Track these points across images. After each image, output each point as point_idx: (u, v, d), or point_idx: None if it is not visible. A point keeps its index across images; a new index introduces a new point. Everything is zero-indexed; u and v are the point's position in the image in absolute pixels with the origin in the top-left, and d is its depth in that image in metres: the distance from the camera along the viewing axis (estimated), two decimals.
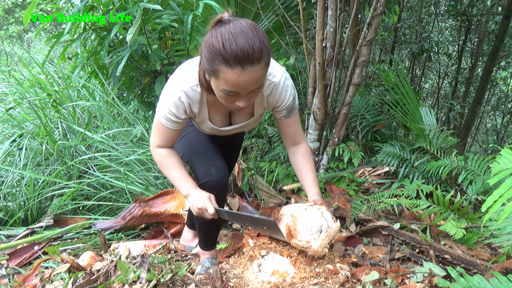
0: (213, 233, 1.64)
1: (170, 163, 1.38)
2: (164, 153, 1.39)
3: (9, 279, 1.74)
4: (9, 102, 3.45)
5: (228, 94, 1.11)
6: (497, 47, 4.55)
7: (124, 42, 2.57)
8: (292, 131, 1.47)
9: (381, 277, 1.41)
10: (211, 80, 1.14)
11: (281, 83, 1.33)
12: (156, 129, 1.36)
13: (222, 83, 1.08)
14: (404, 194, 2.18)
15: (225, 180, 1.42)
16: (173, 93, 1.26)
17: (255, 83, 1.09)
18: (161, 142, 1.38)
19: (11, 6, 9.72)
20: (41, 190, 2.41)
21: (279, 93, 1.34)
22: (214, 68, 1.06)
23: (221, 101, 1.18)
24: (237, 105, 1.15)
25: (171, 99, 1.27)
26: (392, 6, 3.75)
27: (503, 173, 1.16)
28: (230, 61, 1.02)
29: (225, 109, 1.37)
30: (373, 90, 3.92)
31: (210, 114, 1.37)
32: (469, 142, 6.39)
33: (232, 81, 1.05)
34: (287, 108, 1.40)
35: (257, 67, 1.05)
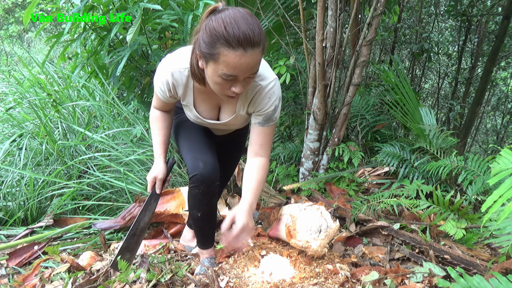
0: (208, 230, 1.64)
1: (155, 126, 1.52)
2: (155, 115, 1.53)
3: (9, 279, 1.74)
4: (9, 102, 3.46)
5: (226, 79, 1.13)
6: (497, 48, 4.55)
7: (124, 42, 2.57)
8: (260, 142, 1.43)
9: (381, 277, 1.41)
10: (208, 66, 1.14)
11: (267, 88, 1.33)
12: (154, 94, 1.47)
13: (222, 67, 1.09)
14: (404, 194, 2.18)
15: (212, 175, 1.41)
16: (162, 72, 1.34)
17: (254, 66, 1.12)
18: (156, 105, 1.51)
19: (11, 6, 9.72)
20: (41, 190, 2.41)
21: (262, 97, 1.34)
22: (214, 51, 1.08)
23: (216, 89, 1.19)
24: (233, 91, 1.17)
25: (160, 77, 1.35)
26: (392, 6, 3.75)
27: (503, 173, 1.16)
28: (232, 43, 1.04)
29: (214, 102, 1.41)
30: (373, 90, 3.91)
31: (196, 102, 1.41)
32: (469, 143, 6.38)
33: (234, 63, 1.07)
34: (265, 115, 1.37)
35: (257, 50, 1.08)
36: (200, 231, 1.63)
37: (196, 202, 1.49)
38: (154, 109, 1.53)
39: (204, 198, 1.46)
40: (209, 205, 1.52)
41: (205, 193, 1.43)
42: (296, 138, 3.70)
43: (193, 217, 1.55)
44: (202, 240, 1.65)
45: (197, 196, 1.45)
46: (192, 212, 1.53)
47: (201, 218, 1.53)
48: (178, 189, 2.26)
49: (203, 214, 1.51)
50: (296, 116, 3.89)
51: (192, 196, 1.47)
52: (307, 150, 2.87)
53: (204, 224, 1.59)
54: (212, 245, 1.67)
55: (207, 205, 1.50)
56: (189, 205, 1.53)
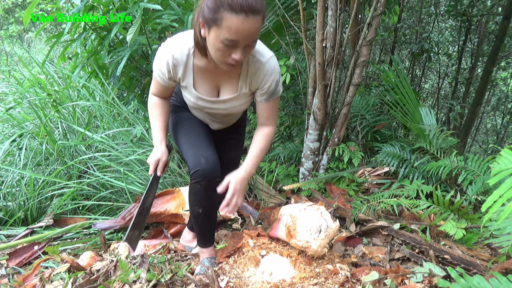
0: (208, 227, 1.64)
1: (154, 112, 1.54)
2: (153, 101, 1.55)
3: (9, 279, 1.74)
4: (9, 102, 3.46)
5: (227, 45, 1.17)
6: (497, 48, 4.55)
7: (124, 42, 2.57)
8: (266, 115, 1.54)
9: (381, 277, 1.41)
10: (210, 32, 1.19)
11: (268, 64, 1.39)
12: (153, 80, 1.50)
13: (225, 32, 1.14)
14: (404, 194, 2.18)
15: (214, 170, 1.45)
16: (162, 53, 1.38)
17: (254, 33, 1.17)
18: (155, 92, 1.53)
19: (11, 6, 9.72)
20: (41, 190, 2.41)
21: (264, 73, 1.40)
22: (217, 16, 1.13)
23: (217, 56, 1.23)
24: (233, 57, 1.21)
25: (160, 60, 1.39)
26: (392, 6, 3.75)
27: (503, 173, 1.16)
28: (236, 8, 1.10)
29: (214, 83, 1.44)
30: (373, 90, 3.91)
31: (195, 83, 1.44)
32: (469, 143, 6.38)
33: (236, 27, 1.12)
34: (268, 92, 1.45)
35: (258, 17, 1.14)
36: (201, 228, 1.63)
37: (197, 198, 1.49)
38: (153, 96, 1.55)
39: (206, 194, 1.47)
40: (211, 201, 1.52)
41: (207, 189, 1.45)
42: (296, 138, 3.70)
43: (194, 214, 1.55)
44: (202, 239, 1.64)
45: (199, 192, 1.46)
46: (193, 209, 1.53)
47: (202, 214, 1.53)
48: (178, 189, 2.26)
49: (204, 210, 1.52)
50: (296, 116, 3.89)
51: (194, 192, 1.48)
52: (307, 150, 2.87)
53: (205, 221, 1.59)
54: (213, 243, 1.66)
55: (208, 201, 1.51)
56: (190, 202, 1.53)
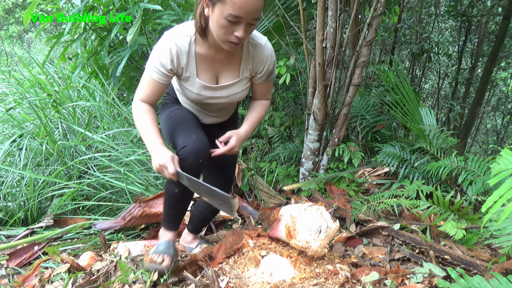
0: (179, 210, 1.59)
1: (146, 117, 1.41)
2: (144, 107, 1.43)
3: (9, 279, 1.74)
4: (9, 102, 3.46)
5: (231, 21, 1.20)
6: (497, 48, 4.55)
7: (124, 42, 2.57)
8: (263, 92, 1.60)
9: (381, 278, 1.41)
10: (214, 10, 1.22)
11: (267, 47, 1.45)
12: (144, 82, 1.42)
13: (229, 7, 1.18)
14: (404, 195, 2.18)
15: (202, 149, 1.42)
16: (164, 44, 1.35)
17: (257, 11, 1.21)
18: (145, 96, 1.42)
19: (11, 6, 9.73)
20: (41, 190, 2.41)
21: (265, 55, 1.45)
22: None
23: (220, 33, 1.26)
24: (236, 35, 1.24)
25: (161, 50, 1.35)
26: (392, 6, 3.75)
27: (503, 173, 1.16)
28: None
29: (213, 71, 1.45)
30: (373, 91, 3.91)
31: (198, 71, 1.43)
32: (469, 143, 6.38)
33: (240, 3, 1.16)
34: (267, 73, 1.51)
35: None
36: (172, 210, 1.58)
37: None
38: (140, 102, 1.45)
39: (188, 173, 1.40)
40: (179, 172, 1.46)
41: (191, 168, 1.39)
42: (296, 138, 3.70)
43: (168, 192, 1.51)
44: (168, 220, 1.59)
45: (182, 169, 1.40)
46: (170, 187, 1.49)
47: (177, 194, 1.49)
48: None
49: (181, 190, 1.46)
50: (296, 116, 3.89)
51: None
52: (307, 150, 2.87)
53: (178, 203, 1.55)
54: (177, 229, 1.62)
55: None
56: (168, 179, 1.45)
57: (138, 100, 1.44)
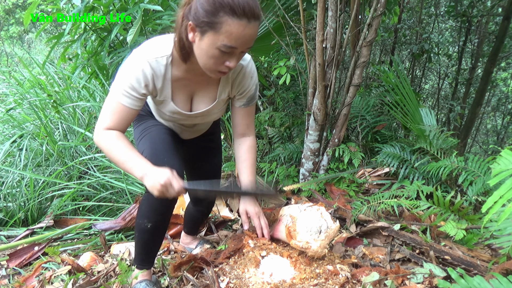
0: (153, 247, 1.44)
1: (120, 144, 1.20)
2: (114, 135, 1.21)
3: (9, 279, 1.74)
4: (9, 102, 3.46)
5: (223, 52, 1.08)
6: (497, 48, 4.55)
7: (124, 42, 2.57)
8: (245, 122, 1.46)
9: (381, 278, 1.41)
10: (204, 38, 1.07)
11: (249, 67, 1.32)
12: (109, 108, 1.21)
13: (223, 37, 1.04)
14: (404, 195, 2.18)
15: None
16: (135, 64, 1.17)
17: (253, 39, 1.09)
18: (113, 124, 1.21)
19: (11, 6, 9.73)
20: (41, 191, 2.41)
21: (246, 77, 1.33)
22: (216, 20, 1.02)
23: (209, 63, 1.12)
24: (227, 65, 1.12)
25: (133, 71, 1.17)
26: (392, 7, 3.75)
27: (503, 174, 1.16)
28: (238, 12, 1.00)
29: (188, 92, 1.32)
30: (373, 91, 3.91)
31: (173, 94, 1.29)
32: (469, 143, 6.38)
33: (237, 33, 1.03)
34: (249, 96, 1.38)
35: (258, 22, 1.06)
36: (144, 246, 1.42)
37: (150, 210, 1.31)
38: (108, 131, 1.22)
39: (161, 208, 1.31)
40: (164, 217, 1.35)
41: (164, 201, 1.25)
42: (296, 139, 3.70)
43: (140, 227, 1.35)
44: (142, 258, 1.43)
45: (154, 203, 1.29)
46: (141, 222, 1.34)
47: (150, 230, 1.33)
48: None
49: (154, 226, 1.32)
50: (296, 116, 3.89)
51: (148, 202, 1.31)
52: (307, 150, 2.87)
53: (151, 239, 1.40)
54: (152, 265, 1.48)
55: (161, 216, 1.34)
56: (140, 213, 1.35)
57: (103, 129, 1.22)
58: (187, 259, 1.54)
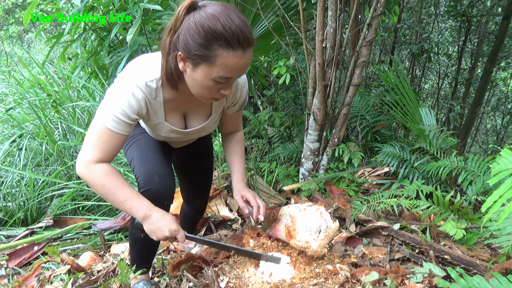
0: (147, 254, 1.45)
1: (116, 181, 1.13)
2: (107, 169, 1.13)
3: (8, 279, 1.74)
4: (9, 102, 3.46)
5: (219, 82, 1.04)
6: (497, 48, 4.55)
7: (124, 42, 2.57)
8: (235, 123, 1.48)
9: (381, 278, 1.41)
10: (197, 69, 1.02)
11: (241, 79, 1.30)
12: (96, 137, 1.12)
13: (218, 70, 1.00)
14: (404, 195, 2.18)
15: (168, 192, 1.26)
16: (126, 90, 1.10)
17: (248, 66, 1.05)
18: (101, 155, 1.12)
19: (11, 6, 9.73)
20: (40, 191, 2.41)
21: (240, 90, 1.32)
22: (210, 53, 0.97)
23: (202, 93, 1.09)
24: (222, 93, 1.09)
25: (123, 97, 1.10)
26: (392, 6, 3.75)
27: (503, 173, 1.16)
28: (233, 43, 0.95)
29: (180, 110, 1.28)
30: (373, 91, 3.92)
31: (166, 115, 1.24)
32: (469, 143, 6.38)
33: (233, 64, 0.99)
34: (241, 103, 1.39)
35: (252, 49, 1.02)
36: (139, 253, 1.42)
37: None
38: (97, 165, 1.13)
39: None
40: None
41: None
42: (296, 138, 3.70)
43: (133, 237, 1.35)
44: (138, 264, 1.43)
45: None
46: (134, 232, 1.32)
47: (143, 240, 1.31)
48: (178, 189, 2.26)
49: (146, 235, 1.24)
50: (296, 116, 3.89)
51: None
52: (307, 150, 2.87)
53: (145, 247, 1.39)
54: (149, 268, 1.48)
55: None
56: (132, 223, 1.34)
57: (91, 162, 1.12)
58: (185, 258, 1.54)
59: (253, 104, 4.49)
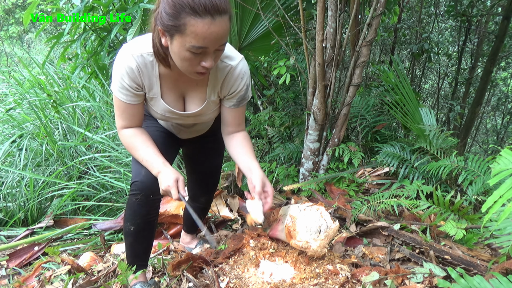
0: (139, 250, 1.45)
1: (136, 143, 1.28)
2: (130, 133, 1.29)
3: (9, 279, 1.74)
4: (9, 102, 3.46)
5: (195, 53, 1.05)
6: (497, 48, 4.55)
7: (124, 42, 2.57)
8: (237, 121, 1.42)
9: (381, 278, 1.41)
10: (173, 41, 1.05)
11: (238, 68, 1.28)
12: (116, 108, 1.27)
13: (190, 39, 1.01)
14: (404, 195, 2.18)
15: (153, 185, 1.29)
16: (122, 60, 1.18)
17: (223, 36, 1.05)
18: (125, 122, 1.29)
19: (11, 6, 9.73)
20: (41, 191, 2.41)
21: (234, 79, 1.29)
22: (179, 22, 1.00)
23: (184, 66, 1.11)
24: (203, 65, 1.09)
25: (121, 67, 1.19)
26: (392, 6, 3.75)
27: (503, 173, 1.16)
28: (199, 11, 0.97)
29: (179, 91, 1.31)
30: (373, 91, 3.91)
31: (162, 92, 1.28)
32: (469, 143, 6.38)
33: (203, 33, 1.00)
34: (239, 97, 1.34)
35: (225, 17, 1.02)
36: (130, 248, 1.43)
37: (131, 213, 1.35)
38: (124, 130, 1.30)
39: (140, 210, 1.33)
40: (145, 219, 1.36)
41: (143, 204, 1.32)
42: (296, 138, 3.70)
43: (125, 231, 1.40)
44: (131, 260, 1.44)
45: (133, 205, 1.33)
46: (126, 225, 1.37)
47: (133, 233, 1.37)
48: None
49: (136, 229, 1.35)
50: (296, 116, 3.89)
51: (129, 205, 1.35)
52: (307, 150, 2.87)
53: (135, 242, 1.41)
54: (146, 267, 1.50)
55: (142, 219, 1.36)
56: (124, 217, 1.39)
57: (120, 129, 1.31)
58: (185, 257, 1.54)
59: (253, 104, 4.50)
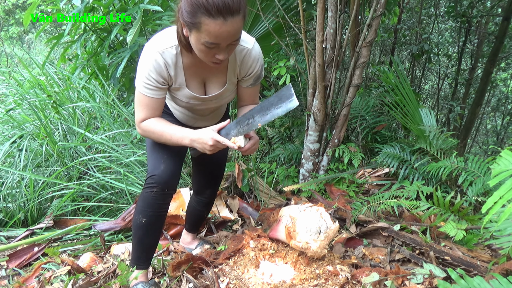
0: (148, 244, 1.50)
1: (161, 125, 1.35)
2: (151, 121, 1.36)
3: (8, 280, 1.74)
4: (9, 103, 3.46)
5: (209, 47, 1.15)
6: (497, 49, 4.55)
7: (124, 43, 2.57)
8: (252, 98, 1.52)
9: (381, 279, 1.41)
10: (191, 34, 1.16)
11: (254, 50, 1.37)
12: (139, 103, 1.34)
13: (204, 35, 1.11)
14: (404, 195, 2.18)
15: (170, 180, 1.40)
16: (149, 57, 1.27)
17: (235, 34, 1.14)
18: (145, 115, 1.35)
19: (11, 7, 9.74)
20: (41, 191, 2.41)
21: (252, 60, 1.38)
22: (196, 20, 1.09)
23: (201, 55, 1.21)
24: (217, 58, 1.19)
25: (147, 63, 1.27)
26: (392, 7, 3.75)
27: (503, 174, 1.16)
28: (212, 11, 1.05)
29: (200, 77, 1.40)
30: (373, 91, 3.91)
31: (187, 81, 1.37)
32: (469, 143, 6.38)
33: (215, 32, 1.09)
34: (255, 77, 1.44)
35: (237, 18, 1.10)
36: (139, 243, 1.47)
37: (144, 205, 1.41)
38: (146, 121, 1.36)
39: (154, 202, 1.40)
40: (157, 212, 1.43)
41: (158, 197, 1.39)
42: (296, 139, 3.70)
43: (135, 223, 1.44)
44: (138, 256, 1.49)
45: (148, 198, 1.40)
46: (137, 217, 1.43)
47: (144, 225, 1.43)
48: (178, 190, 2.26)
49: (148, 221, 1.42)
50: (296, 117, 3.89)
51: (143, 198, 1.42)
52: (307, 151, 2.87)
53: (146, 235, 1.46)
54: (148, 266, 1.53)
55: (155, 212, 1.42)
56: (136, 209, 1.44)
57: (139, 122, 1.37)
58: (185, 258, 1.54)
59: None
